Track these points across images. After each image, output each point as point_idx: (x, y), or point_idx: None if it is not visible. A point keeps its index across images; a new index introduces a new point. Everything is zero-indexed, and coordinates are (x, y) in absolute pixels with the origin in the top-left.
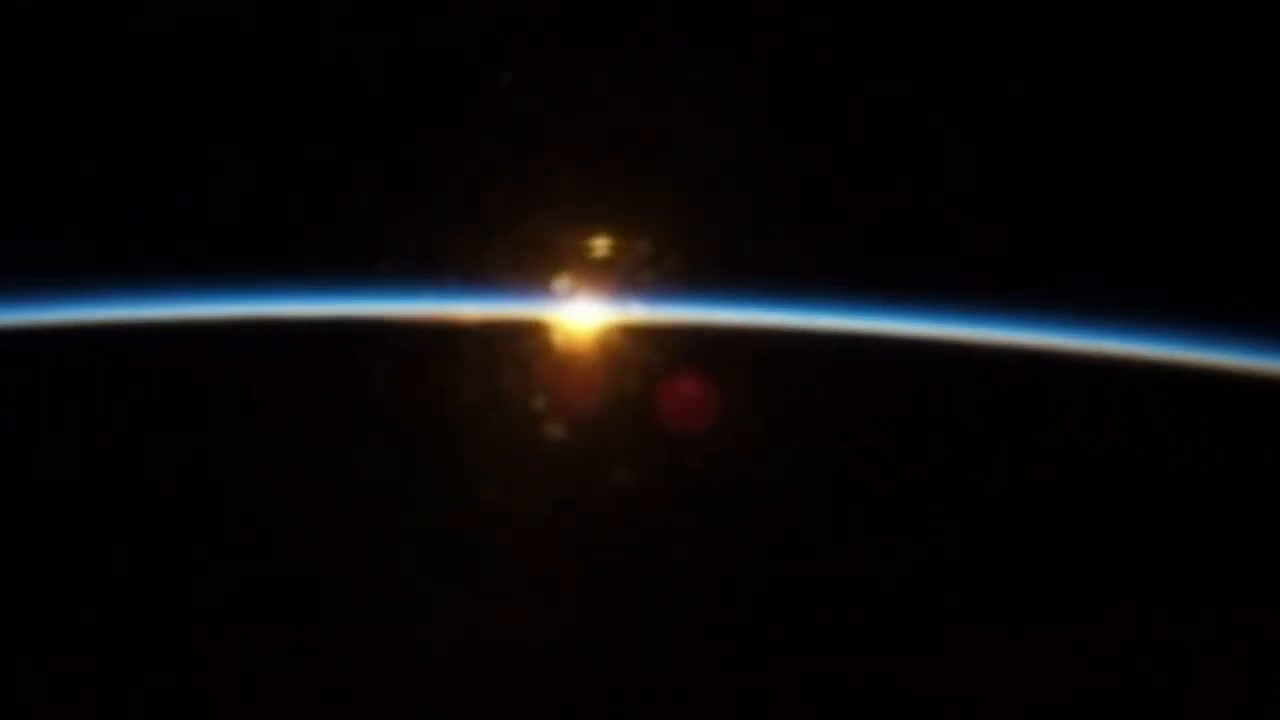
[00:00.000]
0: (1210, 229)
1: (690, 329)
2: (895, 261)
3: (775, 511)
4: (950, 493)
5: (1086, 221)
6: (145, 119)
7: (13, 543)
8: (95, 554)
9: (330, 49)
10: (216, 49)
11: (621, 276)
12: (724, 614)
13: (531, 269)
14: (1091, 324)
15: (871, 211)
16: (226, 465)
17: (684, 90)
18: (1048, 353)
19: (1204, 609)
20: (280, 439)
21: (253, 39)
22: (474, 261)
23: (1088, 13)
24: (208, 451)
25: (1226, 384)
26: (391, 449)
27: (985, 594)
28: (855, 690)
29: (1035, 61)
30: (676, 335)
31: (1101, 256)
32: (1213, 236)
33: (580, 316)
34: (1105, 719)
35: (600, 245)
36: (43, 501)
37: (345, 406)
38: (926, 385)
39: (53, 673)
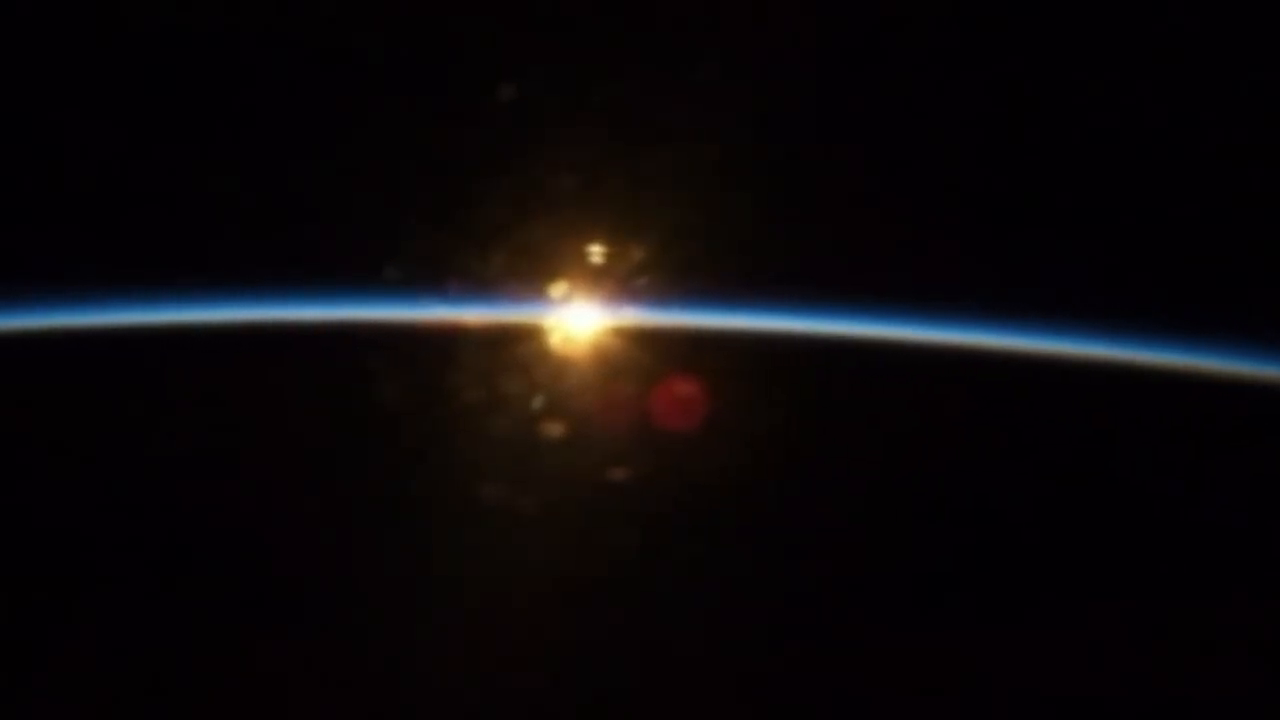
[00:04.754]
0: (1206, 235)
1: (685, 334)
2: (890, 267)
3: (771, 512)
4: (945, 495)
5: (1080, 227)
6: (152, 124)
7: (15, 546)
8: (104, 559)
9: (334, 56)
10: (221, 53)
11: (618, 282)
12: (722, 613)
13: (530, 275)
14: (1088, 329)
15: (866, 217)
16: (230, 469)
17: (680, 97)
18: (1043, 357)
19: (1203, 608)
20: (284, 442)
21: (259, 45)
22: (474, 268)
23: (1085, 15)
24: (212, 455)
25: (1224, 388)
26: (393, 451)
27: (983, 593)
28: (854, 687)
29: (1027, 67)
30: (672, 340)
31: (1095, 262)
32: (1209, 243)
33: (577, 321)
34: (1104, 717)
35: (597, 251)
36: (53, 506)
37: (347, 410)
38: (922, 389)
39: (54, 673)
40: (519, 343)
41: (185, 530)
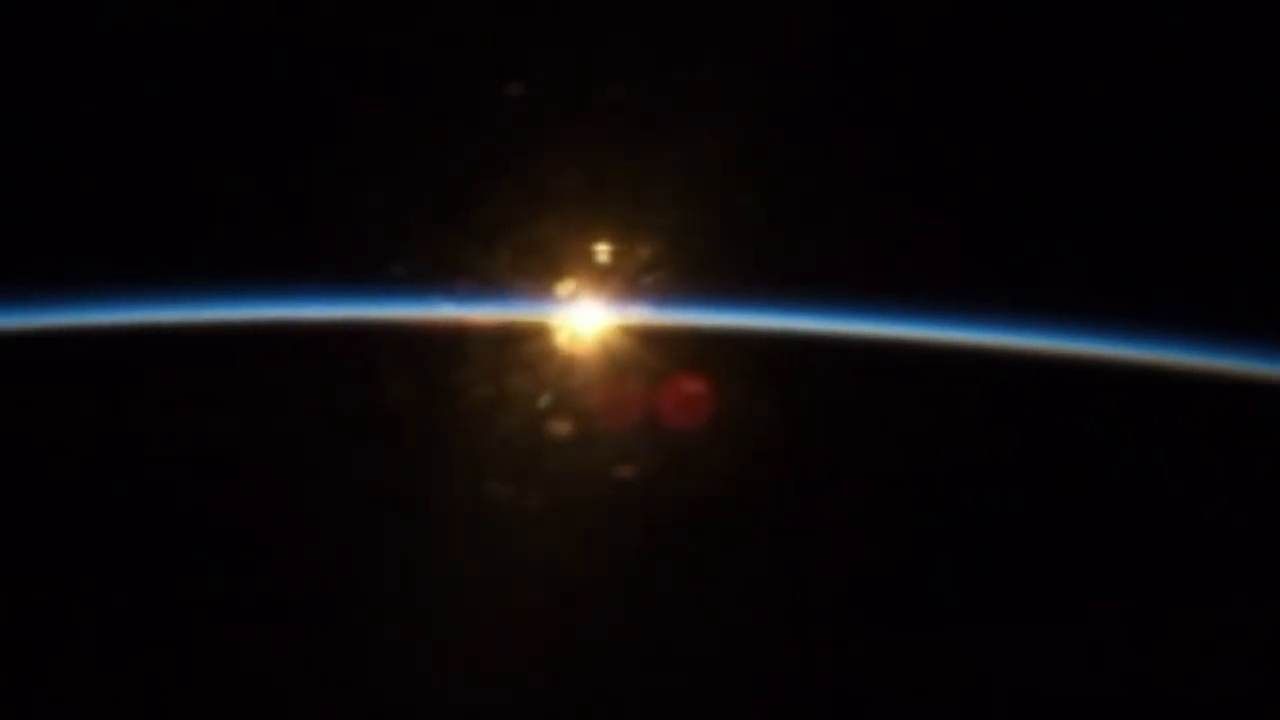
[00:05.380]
0: (1207, 234)
1: (692, 332)
2: (897, 266)
3: (774, 511)
4: (946, 494)
5: (1083, 226)
6: (154, 123)
7: (15, 546)
8: (104, 559)
9: (340, 55)
10: (223, 53)
11: (625, 280)
12: (724, 613)
13: (536, 273)
14: (1090, 329)
15: (873, 216)
16: (230, 469)
17: (687, 95)
18: (1045, 355)
19: (1203, 608)
20: (285, 442)
21: (267, 44)
22: (480, 266)
23: (1082, 16)
24: (212, 455)
25: (1225, 388)
26: (397, 450)
27: (983, 593)
28: (854, 687)
29: (1027, 66)
30: (678, 338)
31: (1097, 261)
32: (1210, 242)
33: (584, 320)
34: (1104, 717)
35: (604, 250)
36: (53, 505)
37: (351, 409)
38: (924, 388)
39: (54, 673)
40: (525, 341)
41: (185, 530)
